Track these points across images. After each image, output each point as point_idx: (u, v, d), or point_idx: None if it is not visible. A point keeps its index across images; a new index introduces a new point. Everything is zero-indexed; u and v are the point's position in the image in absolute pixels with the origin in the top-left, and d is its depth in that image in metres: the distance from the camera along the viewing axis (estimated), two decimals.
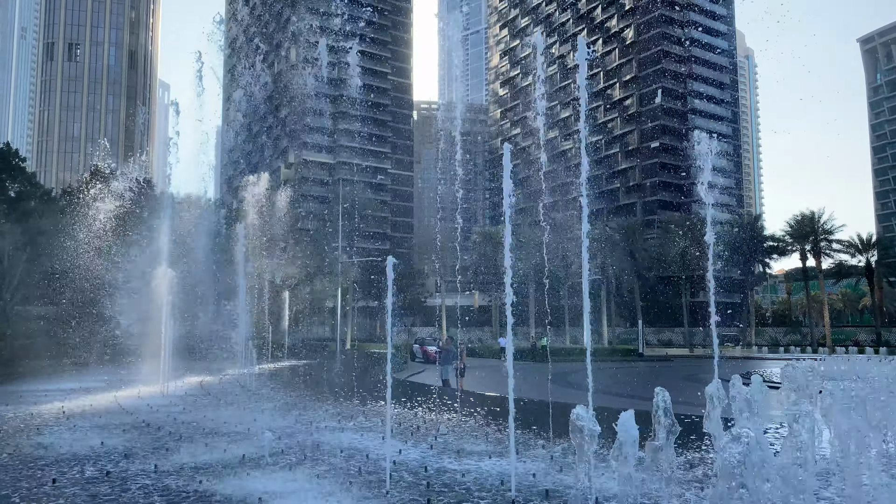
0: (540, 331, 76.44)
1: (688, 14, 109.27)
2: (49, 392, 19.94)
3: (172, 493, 7.74)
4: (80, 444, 10.99)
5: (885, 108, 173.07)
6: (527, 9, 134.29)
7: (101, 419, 14.05)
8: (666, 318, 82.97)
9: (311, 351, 49.31)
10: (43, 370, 28.16)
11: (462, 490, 8.00)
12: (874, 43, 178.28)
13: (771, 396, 6.55)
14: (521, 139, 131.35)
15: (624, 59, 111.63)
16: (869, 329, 76.79)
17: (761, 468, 4.06)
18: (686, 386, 25.91)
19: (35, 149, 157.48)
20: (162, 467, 9.12)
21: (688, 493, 7.50)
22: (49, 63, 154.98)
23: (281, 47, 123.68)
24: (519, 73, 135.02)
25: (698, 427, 11.30)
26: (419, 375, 30.33)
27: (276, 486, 8.14)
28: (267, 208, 43.00)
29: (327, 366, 33.82)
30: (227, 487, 8.04)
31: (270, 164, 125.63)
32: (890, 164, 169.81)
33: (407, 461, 9.72)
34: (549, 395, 16.92)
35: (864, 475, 5.97)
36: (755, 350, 67.87)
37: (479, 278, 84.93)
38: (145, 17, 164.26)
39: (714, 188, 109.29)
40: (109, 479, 8.40)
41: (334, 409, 15.92)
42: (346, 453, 10.28)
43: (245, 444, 10.93)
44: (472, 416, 14.49)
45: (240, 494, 7.70)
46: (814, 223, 68.77)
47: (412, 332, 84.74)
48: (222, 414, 15.14)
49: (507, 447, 9.89)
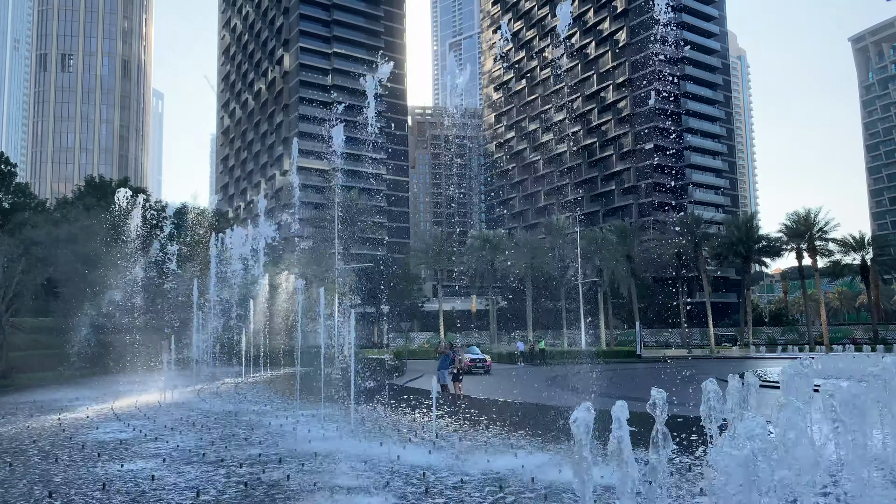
0: (538, 334, 76.45)
1: (680, 15, 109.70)
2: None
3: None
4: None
5: (877, 106, 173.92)
6: (519, 13, 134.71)
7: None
8: (663, 320, 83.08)
9: (308, 357, 49.18)
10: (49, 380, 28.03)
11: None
12: (865, 42, 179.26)
13: (768, 395, 6.53)
14: (516, 143, 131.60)
15: (617, 62, 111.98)
16: (866, 327, 76.93)
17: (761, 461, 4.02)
18: (684, 386, 25.87)
19: (29, 159, 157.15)
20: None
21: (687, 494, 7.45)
22: (42, 74, 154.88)
23: (274, 54, 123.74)
24: (513, 76, 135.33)
25: (697, 428, 11.25)
26: (418, 381, 30.27)
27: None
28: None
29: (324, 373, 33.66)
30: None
31: (265, 171, 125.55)
32: (883, 162, 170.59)
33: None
34: (553, 398, 16.87)
35: (859, 474, 5.93)
36: (752, 350, 67.91)
37: (476, 283, 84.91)
38: (138, 27, 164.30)
39: (709, 189, 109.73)
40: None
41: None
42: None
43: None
44: (473, 422, 14.42)
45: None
46: (809, 222, 68.92)
47: (410, 338, 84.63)
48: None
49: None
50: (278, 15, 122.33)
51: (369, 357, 55.98)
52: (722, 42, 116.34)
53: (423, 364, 45.37)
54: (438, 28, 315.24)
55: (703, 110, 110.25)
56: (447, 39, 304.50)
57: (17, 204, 60.07)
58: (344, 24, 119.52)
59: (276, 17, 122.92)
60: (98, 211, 46.30)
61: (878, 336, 67.87)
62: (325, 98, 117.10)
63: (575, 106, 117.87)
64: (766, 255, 76.23)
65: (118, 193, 37.96)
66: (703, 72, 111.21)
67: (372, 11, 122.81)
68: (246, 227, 49.13)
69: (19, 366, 33.34)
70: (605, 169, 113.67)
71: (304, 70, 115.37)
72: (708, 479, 5.38)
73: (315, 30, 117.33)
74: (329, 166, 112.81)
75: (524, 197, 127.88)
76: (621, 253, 70.53)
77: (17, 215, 51.55)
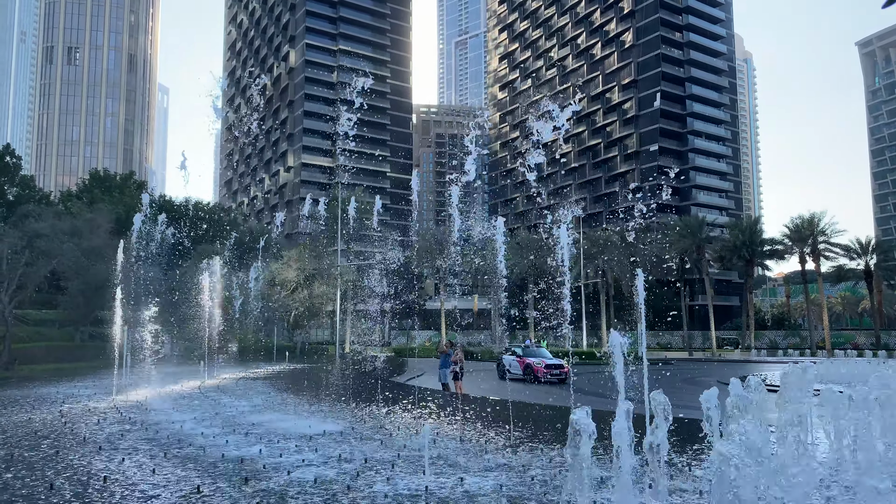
0: (540, 333, 76.45)
1: (686, 18, 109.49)
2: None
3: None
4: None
5: (883, 111, 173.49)
6: (525, 12, 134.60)
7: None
8: (665, 322, 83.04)
9: (310, 355, 49.19)
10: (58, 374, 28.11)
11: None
12: (872, 47, 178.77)
13: (769, 399, 6.53)
14: (520, 143, 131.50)
15: (623, 63, 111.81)
16: (868, 332, 76.80)
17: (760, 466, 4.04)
18: (686, 388, 25.90)
19: (34, 152, 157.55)
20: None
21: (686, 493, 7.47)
22: (48, 67, 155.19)
23: (280, 50, 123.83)
24: (518, 76, 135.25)
25: (698, 429, 11.27)
26: (419, 379, 30.29)
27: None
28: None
29: (327, 370, 33.77)
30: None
31: (269, 166, 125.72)
32: (889, 168, 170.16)
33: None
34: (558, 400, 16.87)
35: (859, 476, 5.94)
36: (754, 353, 67.82)
37: (477, 282, 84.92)
38: (144, 21, 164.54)
39: (713, 191, 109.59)
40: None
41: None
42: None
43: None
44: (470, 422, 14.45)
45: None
46: (813, 226, 68.79)
47: (411, 336, 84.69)
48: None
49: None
50: (285, 11, 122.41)
51: (371, 354, 55.94)
52: (728, 45, 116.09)
53: (424, 363, 45.40)
54: (444, 26, 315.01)
55: (708, 113, 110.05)
56: (453, 38, 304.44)
57: (22, 196, 60.27)
58: (350, 21, 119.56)
59: (283, 14, 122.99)
60: (104, 204, 46.47)
61: (881, 342, 67.75)
62: (330, 95, 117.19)
63: (580, 106, 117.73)
64: (770, 259, 76.12)
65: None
66: (709, 74, 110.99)
67: (378, 9, 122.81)
68: (250, 222, 49.27)
69: (22, 358, 33.47)
70: (609, 170, 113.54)
71: (309, 67, 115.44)
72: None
73: (321, 27, 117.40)
74: (333, 162, 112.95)
75: (527, 197, 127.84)
76: (624, 254, 70.47)
77: (22, 207, 51.66)
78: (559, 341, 73.88)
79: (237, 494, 7.69)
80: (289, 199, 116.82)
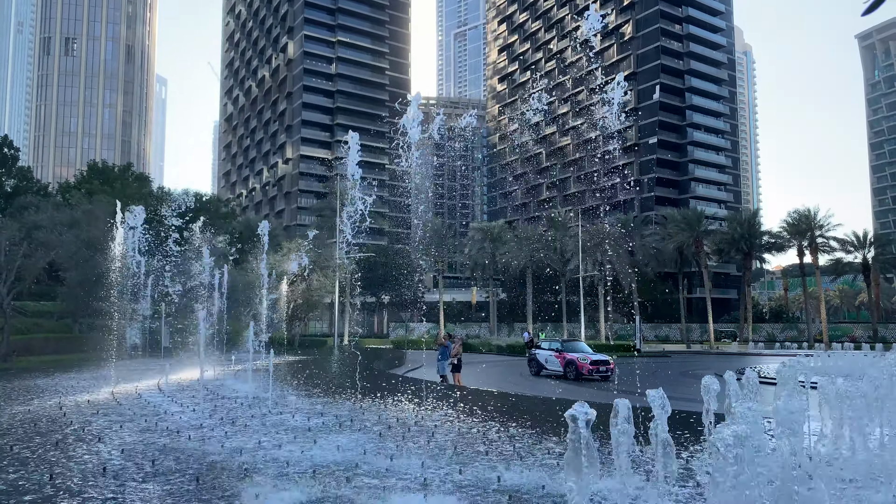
0: (538, 326, 76.61)
1: (686, 10, 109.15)
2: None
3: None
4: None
5: (882, 104, 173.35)
6: (525, 4, 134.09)
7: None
8: (663, 314, 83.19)
9: (308, 347, 49.34)
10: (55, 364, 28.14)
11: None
12: (872, 39, 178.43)
13: (766, 392, 6.56)
14: (519, 134, 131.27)
15: (622, 55, 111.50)
16: (865, 325, 77.02)
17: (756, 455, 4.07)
18: (684, 381, 25.98)
19: (32, 144, 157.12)
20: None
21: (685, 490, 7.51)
22: (46, 58, 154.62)
23: (279, 42, 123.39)
24: (517, 68, 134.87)
25: (697, 422, 11.35)
26: (417, 371, 30.38)
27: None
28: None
29: (327, 361, 33.87)
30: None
31: (268, 159, 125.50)
32: (888, 161, 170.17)
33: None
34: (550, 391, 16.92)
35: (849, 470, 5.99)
36: (751, 346, 68.03)
37: (476, 274, 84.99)
38: (142, 12, 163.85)
39: (711, 184, 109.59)
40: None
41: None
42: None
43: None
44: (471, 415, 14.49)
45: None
46: (811, 219, 68.90)
47: (410, 328, 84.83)
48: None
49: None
50: (283, 2, 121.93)
51: (370, 347, 56.16)
52: (728, 37, 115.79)
53: (421, 355, 45.48)
54: (444, 18, 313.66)
55: (707, 105, 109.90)
56: (452, 30, 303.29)
57: (20, 188, 60.17)
58: (349, 12, 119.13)
59: (281, 5, 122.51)
60: (102, 196, 46.40)
61: (878, 335, 67.96)
62: (328, 87, 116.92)
63: (579, 98, 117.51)
64: (768, 252, 76.26)
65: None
66: (709, 67, 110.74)
67: (377, 0, 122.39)
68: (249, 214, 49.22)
69: (21, 349, 33.51)
70: (607, 163, 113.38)
71: (308, 58, 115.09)
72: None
73: (320, 18, 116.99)
74: (331, 154, 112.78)
75: (526, 189, 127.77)
76: (622, 247, 70.53)
77: (20, 199, 51.61)
78: (557, 333, 74.04)
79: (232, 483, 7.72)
80: (287, 191, 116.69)
